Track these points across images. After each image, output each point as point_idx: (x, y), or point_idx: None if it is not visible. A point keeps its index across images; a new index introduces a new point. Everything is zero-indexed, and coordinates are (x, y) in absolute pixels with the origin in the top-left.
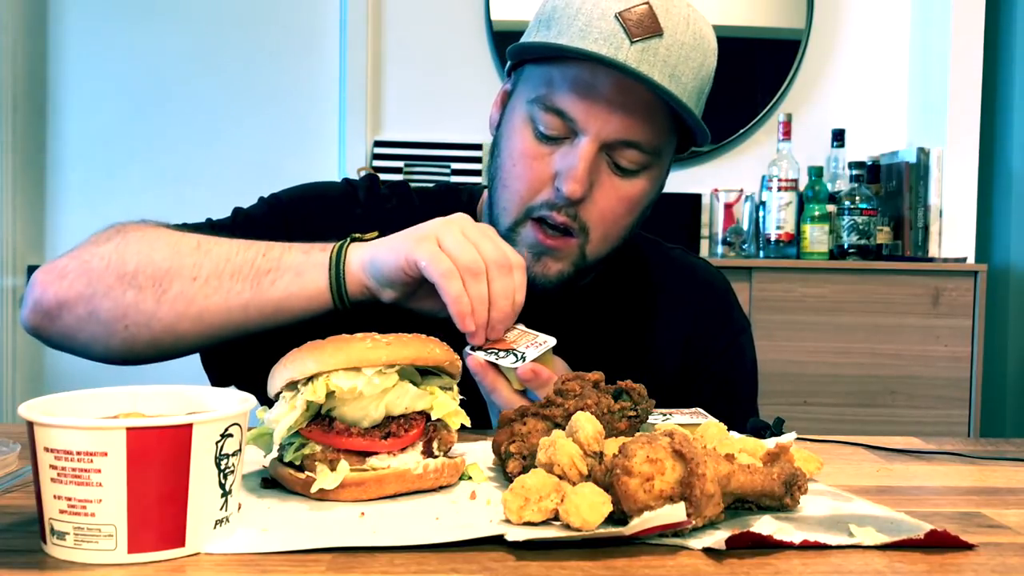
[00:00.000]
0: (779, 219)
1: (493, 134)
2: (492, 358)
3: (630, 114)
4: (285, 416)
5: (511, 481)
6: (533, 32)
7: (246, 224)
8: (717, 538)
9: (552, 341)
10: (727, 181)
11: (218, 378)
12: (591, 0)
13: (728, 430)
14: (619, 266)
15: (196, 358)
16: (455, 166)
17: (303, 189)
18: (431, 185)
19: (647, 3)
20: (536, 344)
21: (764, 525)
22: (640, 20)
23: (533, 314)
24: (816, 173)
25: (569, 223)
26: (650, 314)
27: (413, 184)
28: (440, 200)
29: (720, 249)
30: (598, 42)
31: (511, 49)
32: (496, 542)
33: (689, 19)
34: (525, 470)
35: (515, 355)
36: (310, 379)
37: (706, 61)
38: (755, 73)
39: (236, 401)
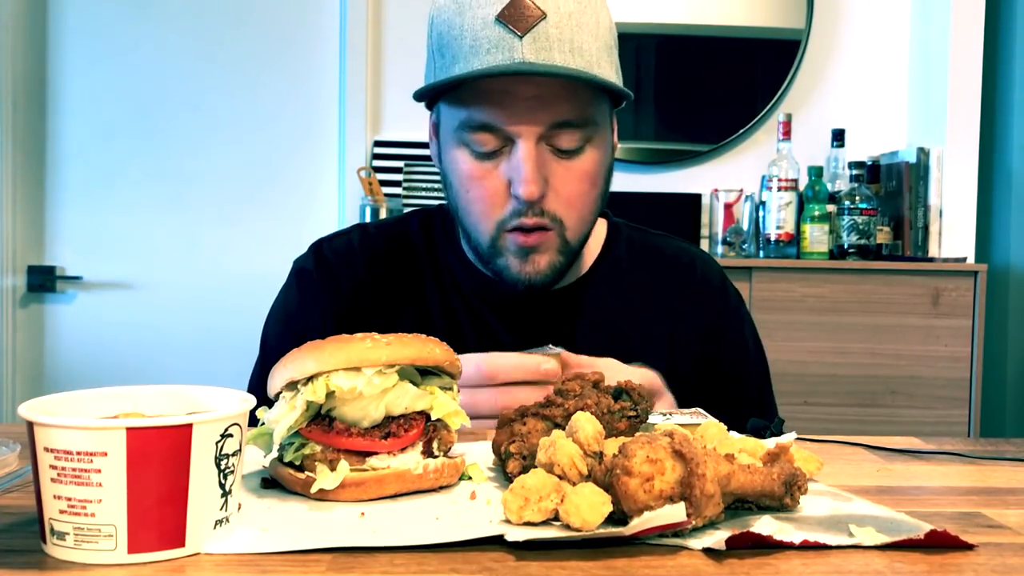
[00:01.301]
0: (779, 219)
1: (437, 166)
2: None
3: (550, 103)
4: (285, 416)
5: (511, 481)
6: (431, 64)
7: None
8: (717, 538)
9: (554, 350)
10: (727, 181)
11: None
12: (469, 14)
13: (741, 415)
14: (607, 259)
15: (195, 359)
16: None
17: (273, 319)
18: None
19: None
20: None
21: (764, 525)
22: (520, 13)
23: (527, 314)
24: (816, 173)
25: (540, 221)
26: (641, 307)
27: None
28: (398, 226)
29: (720, 249)
30: (491, 53)
31: (416, 95)
32: (496, 542)
33: None
34: (525, 470)
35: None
36: (310, 379)
37: (600, 17)
38: (755, 73)
39: (236, 401)
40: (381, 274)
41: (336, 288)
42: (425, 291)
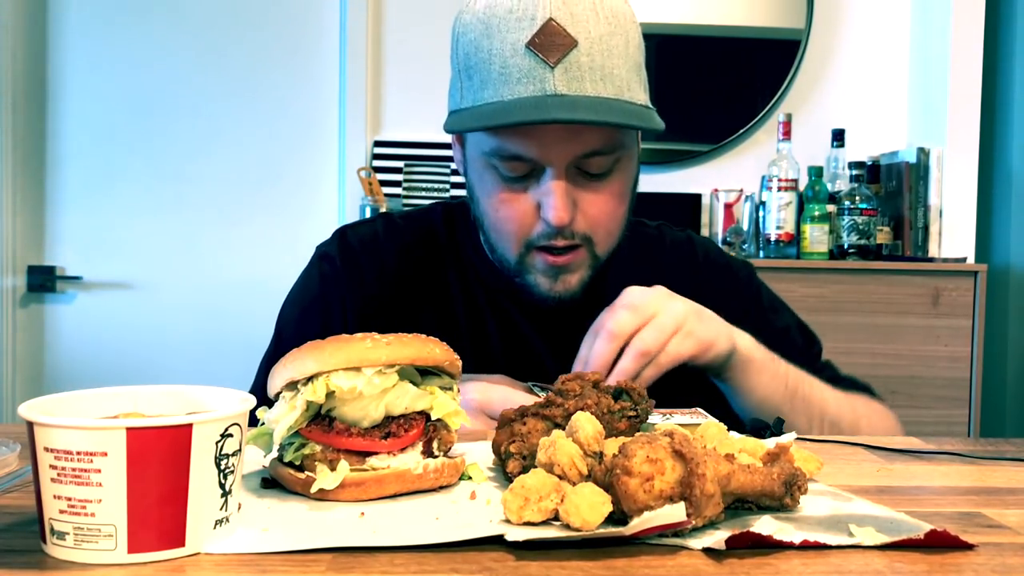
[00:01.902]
0: (779, 219)
1: (461, 173)
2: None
3: (580, 132)
4: (285, 416)
5: (511, 481)
6: (457, 82)
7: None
8: (717, 538)
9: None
10: (727, 181)
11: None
12: (498, 38)
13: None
14: (615, 252)
15: (195, 359)
16: (455, 166)
17: (291, 305)
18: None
19: (550, 18)
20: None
21: (764, 525)
22: (552, 41)
23: (551, 311)
24: (816, 173)
25: (570, 243)
26: None
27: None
28: (423, 218)
29: None
30: (521, 83)
31: (447, 129)
32: (496, 542)
33: (594, 5)
34: (525, 470)
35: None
36: (310, 379)
37: (629, 36)
38: (755, 73)
39: (236, 401)
40: (406, 267)
41: (359, 277)
42: (448, 287)
